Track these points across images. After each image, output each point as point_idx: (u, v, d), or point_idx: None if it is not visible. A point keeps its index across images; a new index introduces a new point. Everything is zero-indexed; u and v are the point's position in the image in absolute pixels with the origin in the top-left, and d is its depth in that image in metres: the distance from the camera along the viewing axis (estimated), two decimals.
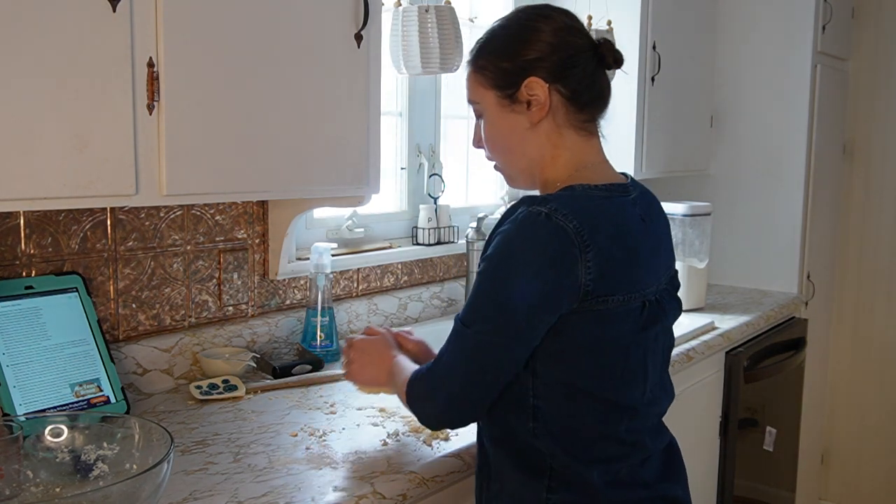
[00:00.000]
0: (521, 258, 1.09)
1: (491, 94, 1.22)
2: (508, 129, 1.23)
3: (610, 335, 1.13)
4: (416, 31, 1.95)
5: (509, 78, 1.20)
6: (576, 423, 1.15)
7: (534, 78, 1.18)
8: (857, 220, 3.35)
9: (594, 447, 1.16)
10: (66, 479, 1.09)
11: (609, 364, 1.14)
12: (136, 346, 1.62)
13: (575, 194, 1.15)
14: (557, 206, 1.10)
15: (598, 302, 1.10)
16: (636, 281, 1.15)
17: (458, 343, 1.15)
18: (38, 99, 1.14)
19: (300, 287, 1.97)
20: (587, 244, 1.08)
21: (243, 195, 1.55)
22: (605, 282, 1.10)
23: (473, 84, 1.25)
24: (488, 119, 1.24)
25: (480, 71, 1.23)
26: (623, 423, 1.17)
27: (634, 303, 1.15)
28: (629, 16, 2.47)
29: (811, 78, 2.84)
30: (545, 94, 1.18)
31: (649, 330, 1.18)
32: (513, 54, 1.20)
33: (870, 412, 3.35)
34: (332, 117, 1.57)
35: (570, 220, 1.08)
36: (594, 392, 1.14)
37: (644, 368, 1.19)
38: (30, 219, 1.47)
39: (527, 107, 1.20)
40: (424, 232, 2.28)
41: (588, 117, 1.23)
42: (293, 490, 1.18)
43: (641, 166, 2.54)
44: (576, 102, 1.20)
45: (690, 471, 1.33)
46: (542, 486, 1.15)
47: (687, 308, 2.52)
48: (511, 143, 1.24)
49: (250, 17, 1.40)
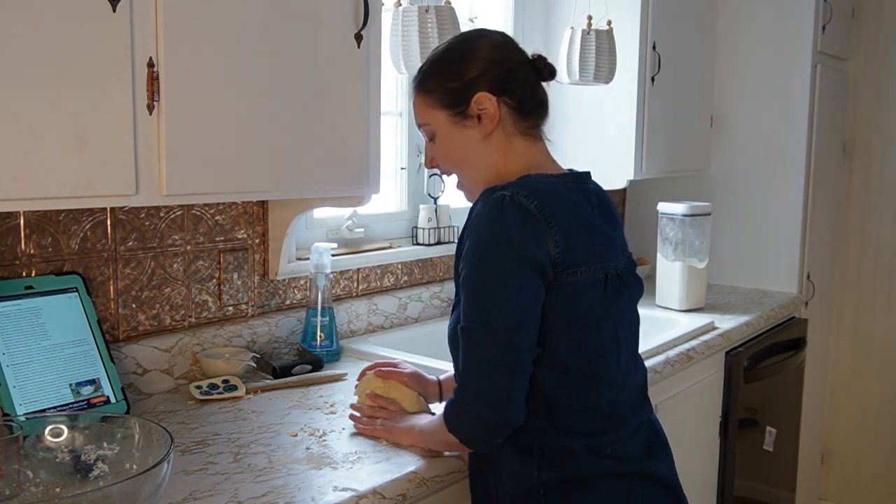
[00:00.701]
0: (501, 239, 1.16)
1: (442, 114, 1.30)
2: (462, 143, 1.30)
3: (581, 307, 1.20)
4: (416, 31, 1.95)
5: (458, 96, 1.28)
6: (559, 397, 1.21)
7: (482, 93, 1.27)
8: (857, 220, 3.35)
9: (577, 418, 1.21)
10: (66, 479, 1.09)
11: (584, 337, 1.21)
12: (136, 346, 1.62)
13: (531, 180, 1.23)
14: (517, 189, 1.18)
15: (567, 274, 1.18)
16: (597, 255, 1.23)
17: (477, 345, 1.17)
18: (38, 99, 1.14)
19: (300, 287, 1.97)
20: (549, 220, 1.17)
21: (243, 195, 1.55)
22: (570, 254, 1.18)
23: (422, 107, 1.33)
24: (441, 137, 1.32)
25: (428, 94, 1.31)
26: (602, 394, 1.23)
27: (598, 274, 1.22)
28: (629, 16, 2.47)
29: (811, 78, 2.84)
30: (494, 106, 1.27)
31: (616, 301, 1.25)
32: (458, 74, 1.29)
33: (870, 412, 3.35)
34: (332, 117, 1.57)
35: (531, 200, 1.17)
36: (571, 365, 1.21)
37: (616, 340, 1.26)
38: (30, 219, 1.47)
39: (478, 120, 1.28)
40: (424, 232, 2.28)
41: (532, 124, 1.32)
42: (293, 490, 1.18)
43: (641, 166, 2.54)
44: (521, 111, 1.30)
45: (691, 471, 1.33)
46: (533, 465, 1.21)
47: (687, 308, 2.53)
48: (465, 157, 1.31)
49: (250, 17, 1.40)
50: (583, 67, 2.33)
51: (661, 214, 2.59)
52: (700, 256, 2.55)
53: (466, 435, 1.22)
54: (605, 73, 2.36)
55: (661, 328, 2.30)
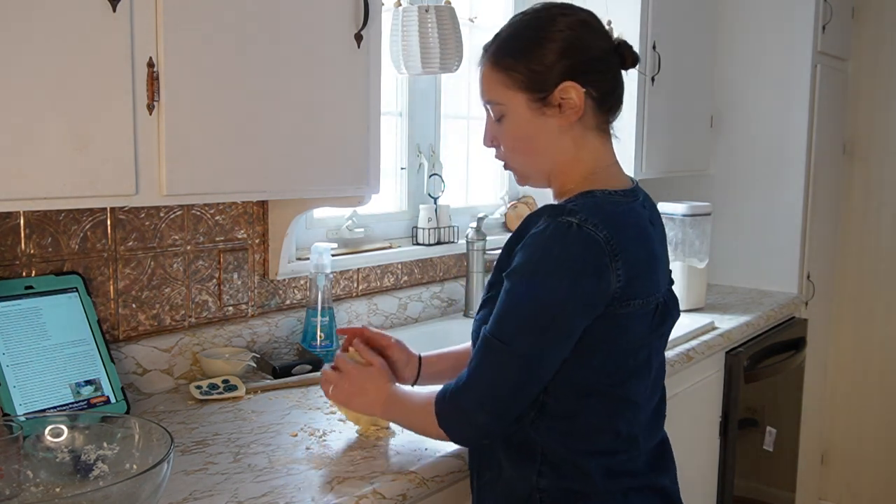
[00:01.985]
0: (557, 270, 1.09)
1: (520, 97, 1.19)
2: (536, 131, 1.20)
3: (627, 337, 1.15)
4: (416, 31, 1.95)
5: (543, 82, 1.17)
6: (578, 419, 1.17)
7: (570, 82, 1.17)
8: (857, 220, 3.35)
9: (594, 440, 1.18)
10: (66, 479, 1.09)
11: (619, 364, 1.17)
12: (136, 346, 1.62)
13: (598, 202, 1.15)
14: (587, 216, 1.10)
15: (621, 306, 1.12)
16: (654, 283, 1.18)
17: (496, 360, 1.13)
18: (38, 99, 1.14)
19: (300, 287, 1.97)
20: (616, 252, 1.10)
21: (243, 195, 1.55)
22: (630, 287, 1.12)
23: (494, 84, 1.21)
24: (513, 120, 1.21)
25: (506, 71, 1.19)
26: (622, 416, 1.19)
27: (651, 305, 1.17)
28: (629, 16, 2.47)
29: (811, 78, 2.84)
30: (581, 98, 1.17)
31: (658, 330, 1.21)
32: (544, 56, 1.17)
33: (870, 412, 3.35)
34: (332, 117, 1.57)
35: (601, 230, 1.09)
36: (603, 390, 1.16)
37: (649, 365, 1.22)
38: (30, 219, 1.47)
39: (558, 109, 1.18)
40: (424, 232, 2.28)
41: (609, 118, 1.24)
42: (293, 490, 1.18)
43: (641, 166, 2.54)
44: (602, 105, 1.21)
45: (690, 471, 1.33)
46: (533, 471, 1.18)
47: (687, 308, 2.53)
48: (537, 146, 1.21)
49: (250, 17, 1.40)
50: None
51: (661, 214, 2.58)
52: (700, 256, 2.55)
53: (455, 432, 1.19)
54: None
55: None
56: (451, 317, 2.31)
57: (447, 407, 1.18)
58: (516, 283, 1.12)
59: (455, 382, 1.18)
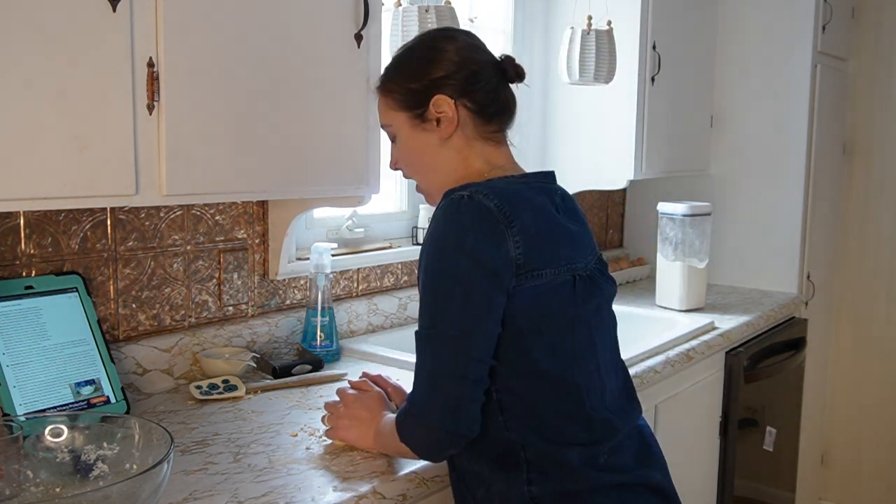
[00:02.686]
0: (456, 242, 1.13)
1: (401, 116, 1.27)
2: (421, 147, 1.27)
3: (550, 309, 1.16)
4: (416, 31, 1.94)
5: (417, 98, 1.25)
6: (541, 407, 1.17)
7: (440, 95, 1.23)
8: (857, 220, 3.35)
9: (564, 428, 1.17)
10: (66, 479, 1.09)
11: (557, 342, 1.17)
12: (136, 346, 1.62)
13: (492, 182, 1.21)
14: (477, 188, 1.16)
15: (531, 277, 1.14)
16: (563, 256, 1.20)
17: (428, 353, 1.15)
18: (38, 99, 1.14)
19: (300, 287, 1.97)
20: (511, 220, 1.13)
21: (243, 195, 1.55)
22: (533, 256, 1.14)
23: (384, 108, 1.30)
24: (401, 140, 1.29)
25: (390, 94, 1.28)
26: (584, 401, 1.19)
27: (565, 276, 1.19)
28: (629, 16, 2.47)
29: (811, 78, 2.84)
30: (452, 109, 1.23)
31: (587, 304, 1.21)
32: (419, 75, 1.25)
33: (870, 412, 3.35)
34: (332, 117, 1.57)
35: (491, 199, 1.14)
36: (548, 372, 1.17)
37: (593, 345, 1.22)
38: (30, 219, 1.47)
39: (436, 124, 1.25)
40: (424, 232, 2.28)
41: (496, 128, 1.28)
42: (293, 490, 1.18)
43: (641, 166, 2.54)
44: (482, 115, 1.26)
45: (691, 471, 1.33)
46: (522, 480, 1.17)
47: (687, 308, 2.53)
48: (424, 161, 1.28)
49: (250, 17, 1.40)
50: (583, 67, 2.33)
51: (661, 214, 2.59)
52: (700, 256, 2.55)
53: (416, 444, 1.19)
54: (605, 73, 2.36)
55: (661, 328, 2.30)
56: None
57: (404, 422, 1.19)
58: (425, 272, 1.16)
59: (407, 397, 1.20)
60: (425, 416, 1.15)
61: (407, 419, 1.19)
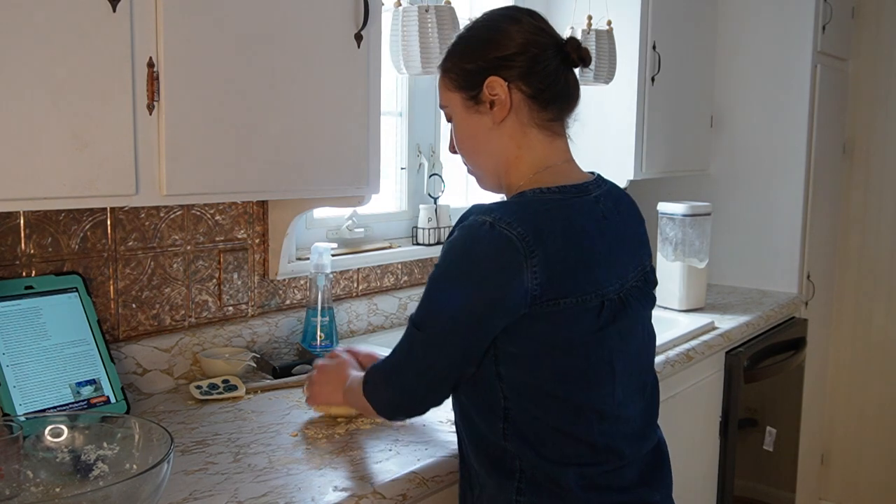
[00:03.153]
0: (463, 267, 1.12)
1: (457, 97, 1.24)
2: (473, 129, 1.24)
3: (563, 335, 1.12)
4: (416, 31, 1.95)
5: (472, 79, 1.21)
6: (545, 426, 1.14)
7: (493, 77, 1.19)
8: (857, 221, 3.35)
9: (566, 450, 1.14)
10: (66, 479, 1.09)
11: (569, 365, 1.13)
12: (136, 346, 1.62)
13: (523, 200, 1.15)
14: (501, 215, 1.10)
15: (548, 305, 1.10)
16: (593, 281, 1.13)
17: (408, 341, 1.20)
18: (38, 99, 1.14)
19: (300, 287, 1.97)
20: (532, 250, 1.08)
21: (243, 195, 1.54)
22: (554, 285, 1.09)
23: (442, 87, 1.27)
24: (456, 121, 1.27)
25: (447, 74, 1.26)
26: (594, 426, 1.15)
27: (591, 303, 1.12)
28: (629, 16, 2.47)
29: (811, 78, 2.84)
30: (505, 92, 1.19)
31: (609, 329, 1.15)
32: (475, 55, 1.21)
33: (870, 412, 3.35)
34: (332, 117, 1.57)
35: (514, 228, 1.09)
36: (558, 394, 1.13)
37: (611, 370, 1.16)
38: (30, 219, 1.47)
39: (490, 107, 1.21)
40: (424, 232, 2.28)
41: (553, 116, 1.22)
42: (293, 490, 1.18)
43: (641, 166, 2.54)
44: (538, 100, 1.20)
45: (691, 471, 1.32)
46: (512, 489, 1.15)
47: (687, 308, 2.53)
48: (476, 144, 1.25)
49: (250, 17, 1.40)
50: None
51: (661, 214, 2.59)
52: (700, 256, 2.55)
53: (374, 400, 1.27)
54: (605, 73, 2.36)
55: (661, 328, 2.28)
56: None
57: (369, 377, 1.28)
58: (432, 276, 1.17)
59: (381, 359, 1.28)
60: (386, 385, 1.25)
61: (372, 377, 1.27)
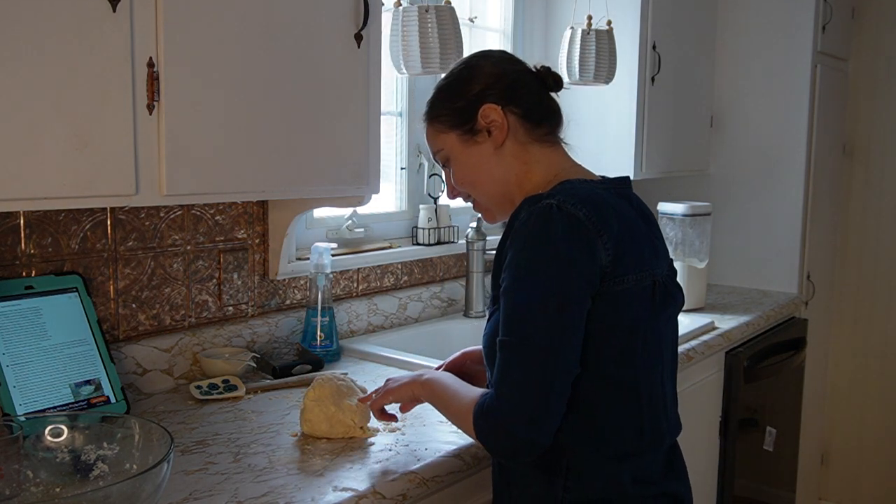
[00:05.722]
0: (548, 253, 1.11)
1: (451, 136, 1.28)
2: (476, 159, 1.27)
3: (627, 316, 1.15)
4: (416, 31, 1.95)
5: (465, 113, 1.26)
6: (599, 412, 1.16)
7: (486, 104, 1.25)
8: (857, 220, 3.35)
9: (618, 436, 1.17)
10: (66, 479, 1.09)
11: (627, 348, 1.16)
12: (136, 346, 1.62)
13: (573, 186, 1.19)
14: (563, 198, 1.14)
15: (616, 282, 1.13)
16: (645, 260, 1.19)
17: (518, 360, 1.10)
18: (38, 99, 1.14)
19: (300, 287, 1.97)
20: (600, 228, 1.12)
21: (243, 195, 1.54)
22: (621, 262, 1.13)
23: (433, 135, 1.31)
24: (455, 159, 1.29)
25: (436, 119, 1.30)
26: (644, 411, 1.19)
27: (646, 281, 1.18)
28: (629, 16, 2.47)
29: (811, 78, 2.84)
30: (500, 116, 1.24)
31: (661, 313, 1.21)
32: (462, 92, 1.27)
33: (870, 412, 3.35)
34: (332, 117, 1.57)
35: (580, 209, 1.12)
36: (614, 376, 1.16)
37: (660, 354, 1.22)
38: (30, 219, 1.47)
39: (487, 134, 1.26)
40: (424, 232, 2.28)
41: (547, 130, 1.29)
42: (293, 490, 1.18)
43: (641, 166, 2.54)
44: (531, 119, 1.27)
45: (691, 471, 1.33)
46: (559, 486, 1.17)
47: (687, 308, 2.52)
48: (481, 173, 1.28)
49: (250, 17, 1.40)
50: (583, 67, 2.33)
51: (661, 214, 2.59)
52: (700, 256, 2.55)
53: (494, 445, 1.14)
54: (605, 73, 2.36)
55: None
56: (450, 317, 2.31)
57: (484, 424, 1.13)
58: (515, 279, 1.12)
59: (488, 397, 1.13)
60: (509, 423, 1.10)
61: (487, 420, 1.12)
